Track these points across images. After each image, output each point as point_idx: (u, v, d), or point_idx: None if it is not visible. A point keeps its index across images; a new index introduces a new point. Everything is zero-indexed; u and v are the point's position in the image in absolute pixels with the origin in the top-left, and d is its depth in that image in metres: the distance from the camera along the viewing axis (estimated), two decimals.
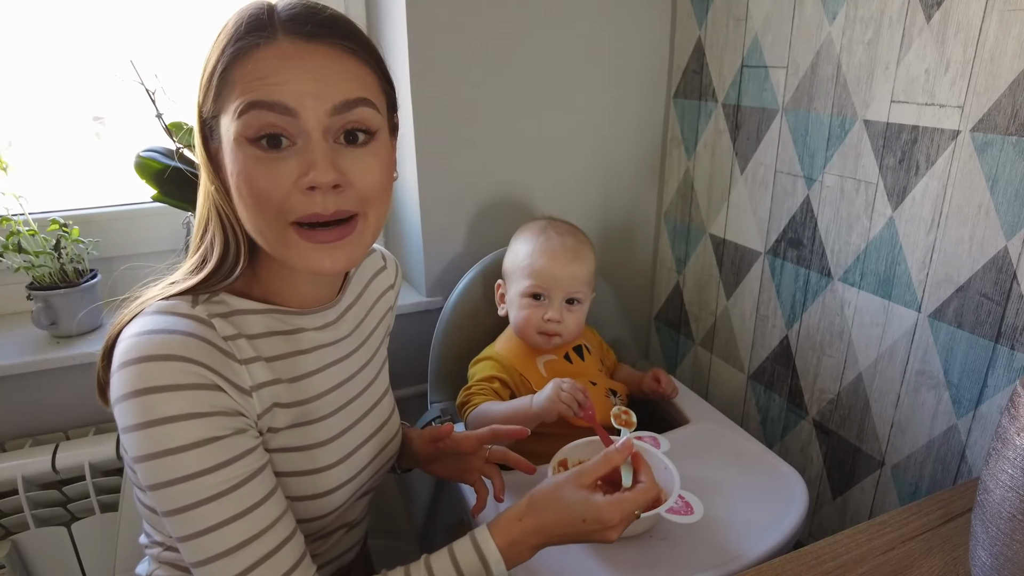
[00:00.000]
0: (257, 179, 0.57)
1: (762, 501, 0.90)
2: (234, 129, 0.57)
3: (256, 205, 0.58)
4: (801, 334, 1.19)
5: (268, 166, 0.57)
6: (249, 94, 0.56)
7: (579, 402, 0.92)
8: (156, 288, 0.65)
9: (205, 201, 0.64)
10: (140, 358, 0.56)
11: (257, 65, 0.56)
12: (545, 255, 1.06)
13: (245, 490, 0.59)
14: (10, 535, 1.07)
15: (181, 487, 0.56)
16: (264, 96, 0.56)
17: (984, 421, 0.91)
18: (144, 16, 1.18)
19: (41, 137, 1.20)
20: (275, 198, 0.58)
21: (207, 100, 0.59)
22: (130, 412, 0.56)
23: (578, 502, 0.64)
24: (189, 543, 0.57)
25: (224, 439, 0.58)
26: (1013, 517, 0.58)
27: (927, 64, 0.91)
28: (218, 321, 0.62)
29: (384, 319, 0.85)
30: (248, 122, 0.56)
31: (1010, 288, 0.86)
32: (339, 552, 0.81)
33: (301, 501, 0.68)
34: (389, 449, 0.81)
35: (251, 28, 0.58)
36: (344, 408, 0.73)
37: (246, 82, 0.56)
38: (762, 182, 1.22)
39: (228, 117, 0.58)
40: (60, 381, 1.10)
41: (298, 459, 0.67)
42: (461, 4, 1.17)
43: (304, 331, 0.70)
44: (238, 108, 0.56)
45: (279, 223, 0.59)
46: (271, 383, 0.65)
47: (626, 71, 1.37)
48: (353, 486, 0.74)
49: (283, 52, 0.57)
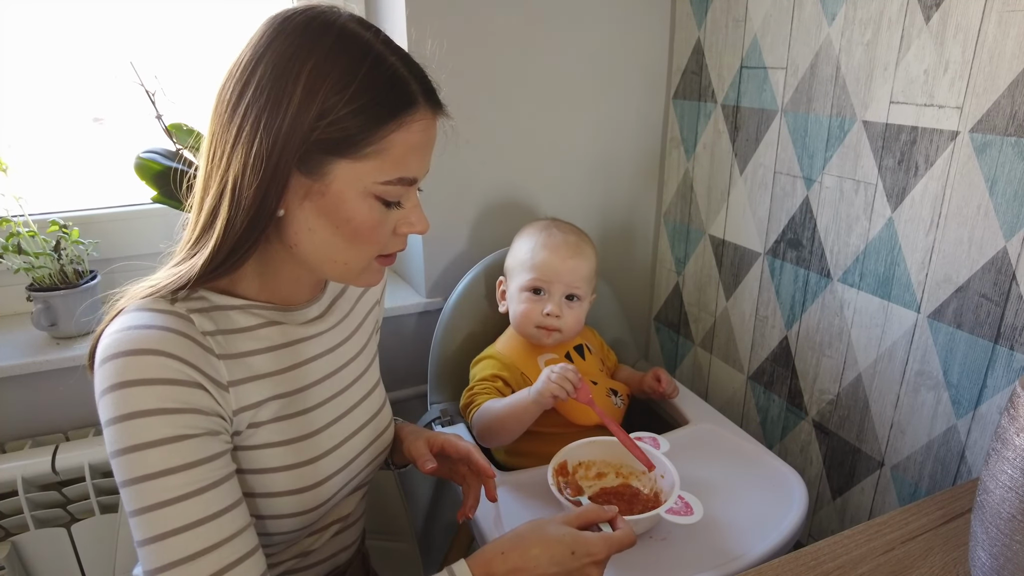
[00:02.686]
0: (375, 229, 0.64)
1: (762, 502, 0.90)
2: (370, 187, 0.61)
3: (361, 244, 0.65)
4: (801, 335, 1.19)
5: (384, 217, 0.64)
6: (403, 170, 0.62)
7: (572, 382, 0.93)
8: (138, 285, 0.65)
9: (216, 206, 0.61)
10: (116, 354, 0.57)
11: (415, 138, 0.62)
12: (546, 249, 1.07)
13: (212, 495, 0.58)
14: (10, 536, 1.07)
15: (147, 485, 0.56)
16: (414, 175, 0.64)
17: (984, 421, 0.91)
18: (144, 17, 1.18)
19: (41, 138, 1.20)
20: (380, 241, 0.66)
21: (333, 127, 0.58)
22: (106, 407, 0.56)
23: (566, 535, 0.64)
24: (150, 547, 0.56)
25: (194, 438, 0.58)
26: (1013, 517, 0.58)
27: (926, 65, 0.91)
28: (197, 316, 0.62)
29: (372, 312, 0.86)
30: (390, 191, 0.62)
31: (1009, 288, 0.86)
32: (335, 550, 0.81)
33: (298, 493, 0.68)
34: (381, 441, 0.81)
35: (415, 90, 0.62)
36: (334, 398, 0.74)
37: (400, 153, 0.61)
38: (761, 183, 1.22)
39: (361, 167, 0.60)
40: (60, 382, 1.10)
41: (293, 450, 0.68)
42: (461, 4, 1.18)
43: (288, 325, 0.70)
44: (386, 176, 0.61)
45: (369, 256, 0.66)
46: (252, 378, 0.65)
47: (625, 72, 1.37)
48: (344, 476, 0.74)
49: (430, 135, 0.65)
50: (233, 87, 0.60)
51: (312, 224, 0.62)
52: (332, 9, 0.62)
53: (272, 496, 0.67)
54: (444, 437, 0.82)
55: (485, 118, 1.26)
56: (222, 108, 0.60)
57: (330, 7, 0.62)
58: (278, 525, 0.68)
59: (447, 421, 1.12)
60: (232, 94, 0.59)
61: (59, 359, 1.06)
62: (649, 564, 0.79)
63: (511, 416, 0.98)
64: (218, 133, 0.61)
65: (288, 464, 0.68)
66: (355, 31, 0.60)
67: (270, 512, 0.67)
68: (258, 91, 0.58)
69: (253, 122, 0.58)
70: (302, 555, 0.77)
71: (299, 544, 0.75)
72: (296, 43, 0.58)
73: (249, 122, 0.58)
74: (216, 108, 0.61)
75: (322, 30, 0.59)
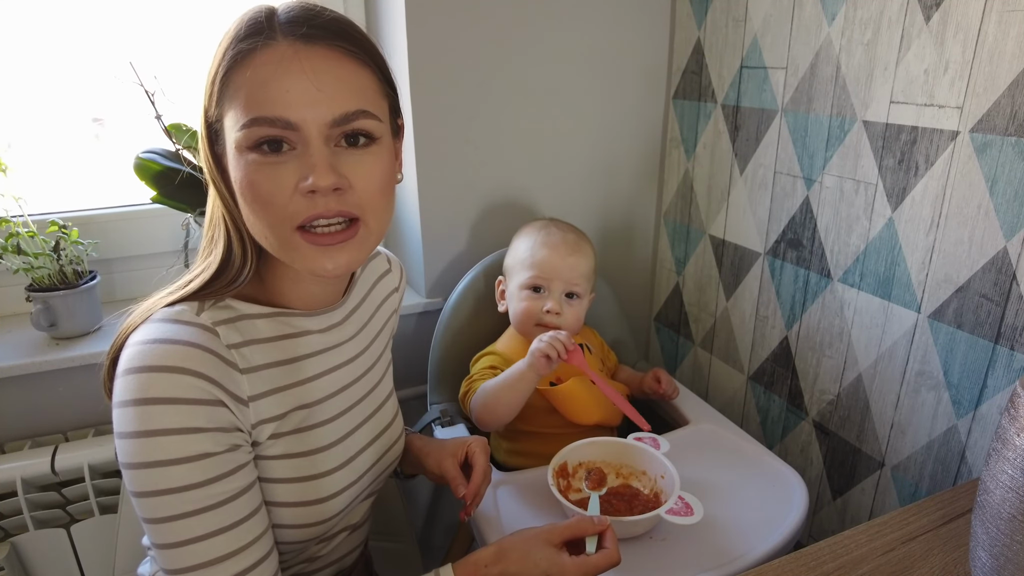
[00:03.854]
0: (260, 184, 0.58)
1: (762, 502, 0.90)
2: (236, 138, 0.58)
3: (261, 209, 0.59)
4: (801, 335, 1.19)
5: (269, 171, 0.58)
6: (251, 109, 0.56)
7: (563, 343, 0.93)
8: (163, 292, 0.65)
9: (213, 205, 0.64)
10: (142, 367, 0.56)
11: (257, 71, 0.56)
12: (546, 247, 1.07)
13: (232, 506, 0.59)
14: (9, 537, 1.07)
15: (166, 498, 0.56)
16: (266, 112, 0.56)
17: (984, 422, 0.91)
18: (144, 17, 1.18)
19: (40, 139, 1.20)
20: (278, 203, 0.58)
21: (211, 104, 0.60)
22: (127, 419, 0.56)
23: (544, 559, 0.65)
24: (165, 552, 0.57)
25: (217, 455, 0.58)
26: (1013, 518, 0.58)
27: (926, 65, 0.91)
28: (223, 328, 0.62)
29: (388, 322, 0.85)
30: (249, 135, 0.57)
31: (1009, 288, 0.86)
32: (342, 554, 0.81)
33: (303, 506, 0.68)
34: (391, 454, 0.81)
35: (251, 31, 0.58)
36: (347, 412, 0.73)
37: (248, 90, 0.57)
38: (761, 183, 1.22)
39: (231, 123, 0.58)
40: (59, 382, 1.10)
41: (299, 464, 0.67)
42: (461, 5, 1.18)
43: (309, 333, 0.70)
44: (240, 121, 0.57)
45: (284, 227, 0.59)
46: (272, 391, 0.65)
47: (625, 72, 1.37)
48: (355, 490, 0.74)
49: (282, 55, 0.57)
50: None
51: (240, 204, 0.61)
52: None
53: (275, 506, 0.67)
54: (468, 447, 0.83)
55: (485, 118, 1.26)
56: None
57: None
58: (283, 535, 0.68)
59: (447, 421, 1.12)
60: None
61: (58, 359, 1.06)
62: (649, 564, 0.79)
63: (507, 386, 0.97)
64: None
65: (301, 476, 0.67)
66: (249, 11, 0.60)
67: (286, 522, 0.67)
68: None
69: (202, 118, 0.62)
70: (309, 560, 0.77)
71: (307, 551, 0.75)
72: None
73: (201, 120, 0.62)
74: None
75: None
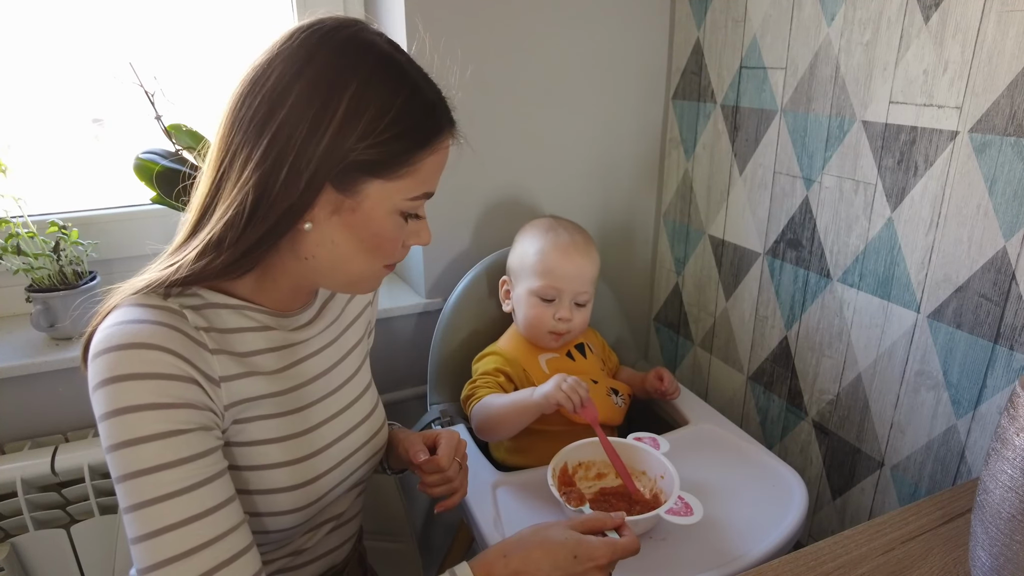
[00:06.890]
0: (394, 243, 0.67)
1: (762, 502, 0.90)
2: (399, 204, 0.65)
3: (377, 256, 0.67)
4: (800, 335, 1.19)
5: (402, 230, 0.68)
6: (428, 187, 0.66)
7: (580, 397, 0.93)
8: (130, 281, 0.64)
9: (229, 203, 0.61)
10: (109, 348, 0.57)
11: (441, 158, 0.67)
12: (556, 251, 1.07)
13: (205, 491, 0.58)
14: (9, 538, 1.07)
15: (140, 480, 0.56)
16: (433, 189, 0.68)
17: (983, 421, 0.91)
18: (143, 17, 1.18)
19: (40, 139, 1.20)
20: (395, 254, 0.69)
21: (373, 150, 0.60)
22: (100, 401, 0.56)
23: (570, 539, 0.64)
24: (144, 544, 0.56)
25: (188, 433, 0.58)
26: (1013, 517, 0.58)
27: (925, 65, 0.91)
28: (190, 312, 0.62)
29: (364, 312, 0.86)
30: (415, 206, 0.67)
31: (1009, 288, 0.86)
32: (329, 547, 0.81)
33: (291, 490, 0.68)
34: (376, 440, 0.81)
35: (444, 116, 0.66)
36: (329, 396, 0.75)
37: (428, 173, 0.65)
38: (761, 183, 1.22)
39: (393, 186, 0.63)
40: (59, 383, 1.10)
41: (284, 448, 0.68)
42: (460, 5, 1.18)
43: (279, 330, 0.71)
44: (414, 193, 0.65)
45: (380, 267, 0.69)
46: (245, 375, 0.65)
47: (625, 72, 1.37)
48: (340, 473, 0.74)
49: (448, 152, 0.68)
50: (261, 101, 0.59)
51: (337, 238, 0.64)
52: (364, 28, 0.63)
53: (270, 492, 0.67)
54: (439, 433, 0.83)
55: (485, 118, 1.26)
56: (246, 120, 0.60)
57: (357, 23, 0.63)
58: (275, 522, 0.68)
59: (447, 422, 1.12)
60: (260, 107, 0.59)
61: (58, 360, 1.06)
62: (649, 564, 0.79)
63: (512, 413, 0.98)
64: (238, 143, 0.60)
65: (285, 460, 0.68)
66: (391, 55, 0.63)
67: (267, 509, 0.67)
68: (295, 109, 0.59)
69: (286, 138, 0.59)
70: (295, 553, 0.77)
71: (293, 543, 0.76)
72: (336, 64, 0.59)
73: (282, 138, 0.59)
74: (237, 118, 0.60)
75: (360, 52, 0.61)
